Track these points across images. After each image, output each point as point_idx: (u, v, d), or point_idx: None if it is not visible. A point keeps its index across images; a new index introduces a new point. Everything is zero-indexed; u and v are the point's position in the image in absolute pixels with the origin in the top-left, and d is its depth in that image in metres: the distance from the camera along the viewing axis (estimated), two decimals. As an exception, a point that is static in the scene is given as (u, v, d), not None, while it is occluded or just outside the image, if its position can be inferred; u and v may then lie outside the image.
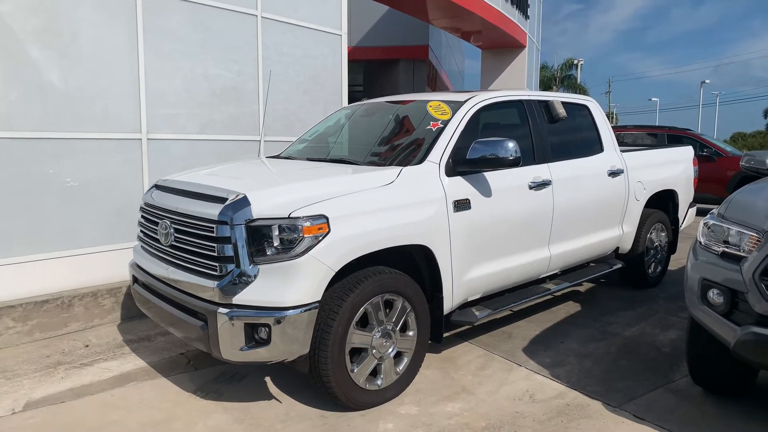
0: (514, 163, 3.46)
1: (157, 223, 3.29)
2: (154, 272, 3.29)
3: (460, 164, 3.48)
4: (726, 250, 2.78)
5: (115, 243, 4.56)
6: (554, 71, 40.87)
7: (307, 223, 2.76)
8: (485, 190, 3.60)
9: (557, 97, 4.64)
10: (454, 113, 3.72)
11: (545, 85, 37.04)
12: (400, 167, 3.33)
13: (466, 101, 3.84)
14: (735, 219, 2.85)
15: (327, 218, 2.81)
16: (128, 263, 3.72)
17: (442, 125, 3.65)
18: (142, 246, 3.58)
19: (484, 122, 3.98)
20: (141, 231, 3.58)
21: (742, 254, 2.69)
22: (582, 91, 39.12)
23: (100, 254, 4.49)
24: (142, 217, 3.55)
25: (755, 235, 2.65)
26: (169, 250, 3.17)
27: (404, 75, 16.01)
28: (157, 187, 3.58)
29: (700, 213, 6.59)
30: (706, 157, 10.89)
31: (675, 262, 6.18)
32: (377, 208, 3.05)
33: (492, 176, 3.65)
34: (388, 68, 16.11)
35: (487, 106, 3.93)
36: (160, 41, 4.72)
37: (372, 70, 17.17)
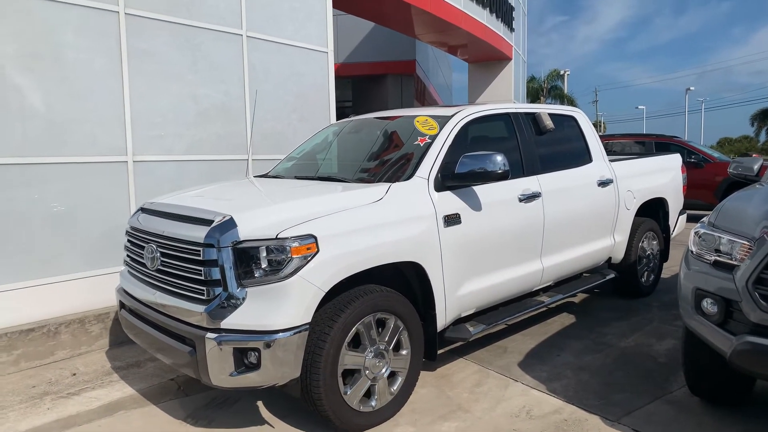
0: (503, 177, 3.44)
1: (143, 247, 3.23)
2: (141, 297, 3.23)
3: (449, 179, 3.46)
4: (718, 258, 2.76)
5: (102, 268, 4.48)
6: (542, 82, 41.27)
7: (296, 244, 2.72)
8: (475, 205, 3.57)
9: (544, 109, 4.65)
10: (441, 128, 3.71)
11: (533, 96, 37.38)
12: (389, 184, 3.30)
13: (453, 116, 3.83)
14: (725, 227, 2.83)
15: (315, 238, 2.77)
16: (115, 288, 3.65)
17: (429, 140, 3.64)
18: (128, 271, 3.51)
19: (472, 136, 3.97)
20: (127, 255, 3.52)
21: (734, 263, 2.68)
22: (569, 101, 39.49)
23: (86, 280, 4.41)
24: (128, 241, 3.49)
25: (747, 243, 2.63)
26: (156, 274, 3.11)
27: (392, 90, 16.08)
28: (143, 210, 3.52)
29: (691, 220, 6.61)
30: (694, 163, 10.97)
31: (667, 270, 6.18)
32: (367, 225, 3.01)
33: (481, 190, 3.63)
34: (376, 83, 16.19)
35: (474, 120, 3.92)
36: (144, 63, 4.69)
37: (360, 86, 17.24)
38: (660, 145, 11.73)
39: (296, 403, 3.29)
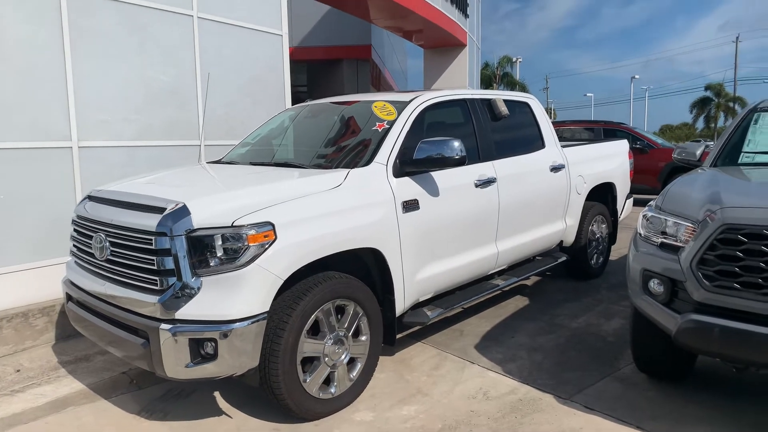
0: (460, 162, 3.47)
1: (91, 237, 3.10)
2: (90, 289, 3.10)
3: (408, 165, 3.46)
4: (664, 240, 2.88)
5: (46, 259, 4.27)
6: (494, 69, 41.87)
7: (252, 231, 2.67)
8: (433, 190, 3.60)
9: (499, 95, 4.70)
10: (399, 113, 3.70)
11: (486, 83, 37.91)
12: (348, 170, 3.27)
13: (410, 101, 3.82)
14: (671, 210, 2.95)
15: (273, 225, 2.73)
16: (61, 280, 3.49)
17: (387, 126, 3.62)
18: (75, 261, 3.37)
19: (429, 122, 3.98)
20: (74, 245, 3.37)
21: (680, 244, 2.80)
22: (521, 87, 40.27)
23: (29, 271, 4.20)
24: (75, 230, 3.34)
25: (691, 225, 2.76)
26: (106, 264, 2.99)
27: (348, 75, 15.93)
28: (90, 198, 3.37)
29: (636, 204, 6.88)
30: (639, 149, 11.38)
31: (615, 253, 6.41)
32: (325, 212, 2.98)
33: (439, 176, 3.65)
34: (331, 68, 16.00)
35: (431, 106, 3.93)
36: (88, 43, 4.46)
37: (315, 71, 17.00)
38: (607, 131, 12.12)
39: (253, 392, 3.25)
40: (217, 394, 3.35)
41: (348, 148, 3.75)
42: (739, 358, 2.67)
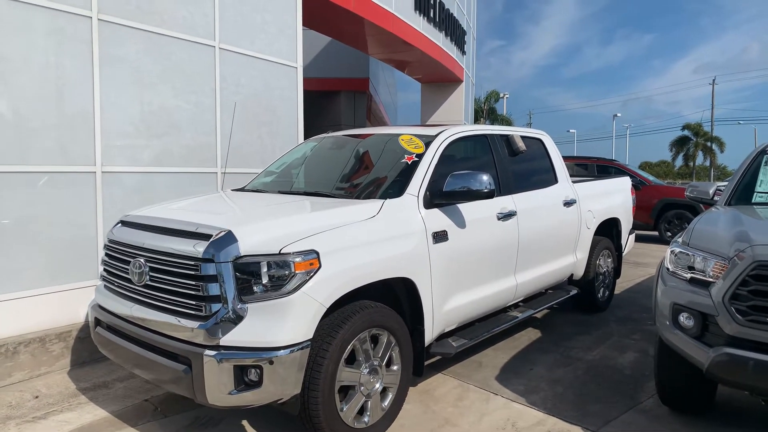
0: (489, 195, 3.55)
1: (127, 262, 3.10)
2: (124, 313, 3.09)
3: (437, 196, 3.54)
4: (694, 276, 2.98)
5: (65, 283, 4.24)
6: (481, 104, 42.73)
7: (299, 259, 2.71)
8: (460, 222, 3.68)
9: (516, 131, 4.85)
10: (427, 147, 3.80)
11: (474, 117, 38.58)
12: (382, 200, 3.34)
13: (437, 135, 3.93)
14: (699, 246, 3.06)
15: (318, 253, 2.77)
16: (89, 305, 3.47)
17: (417, 158, 3.71)
18: (106, 286, 3.35)
19: (454, 155, 4.08)
20: (105, 270, 3.36)
21: (709, 279, 2.89)
22: (507, 122, 41.11)
23: (48, 295, 4.16)
24: (107, 255, 3.34)
25: (720, 261, 2.86)
26: (144, 290, 2.99)
27: (346, 106, 16.15)
28: (123, 223, 3.38)
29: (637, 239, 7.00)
30: (632, 186, 11.62)
31: (618, 287, 6.52)
32: (364, 241, 3.04)
33: (465, 208, 3.73)
34: (329, 99, 16.20)
35: (456, 140, 4.04)
36: (116, 70, 4.53)
37: (313, 101, 17.18)
38: (601, 167, 12.40)
39: (282, 421, 3.24)
40: (245, 422, 3.33)
41: (377, 179, 3.83)
42: (773, 391, 2.74)
